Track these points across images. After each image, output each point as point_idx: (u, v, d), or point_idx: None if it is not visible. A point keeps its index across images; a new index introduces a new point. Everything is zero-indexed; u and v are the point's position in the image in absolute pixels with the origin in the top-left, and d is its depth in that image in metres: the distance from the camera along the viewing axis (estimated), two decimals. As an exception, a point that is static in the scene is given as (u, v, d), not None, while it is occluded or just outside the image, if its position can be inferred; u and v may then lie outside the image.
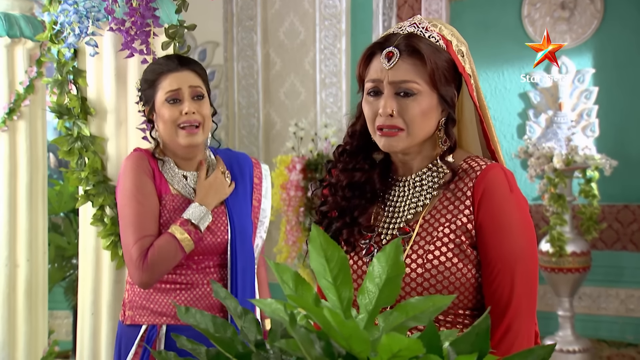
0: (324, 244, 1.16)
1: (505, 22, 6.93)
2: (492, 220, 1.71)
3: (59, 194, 5.56)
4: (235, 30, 6.84)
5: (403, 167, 1.87)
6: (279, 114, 6.71)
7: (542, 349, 1.04)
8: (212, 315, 1.17)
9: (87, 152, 3.00)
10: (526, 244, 1.74)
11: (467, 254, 1.72)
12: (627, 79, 6.73)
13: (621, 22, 6.75)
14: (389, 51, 1.76)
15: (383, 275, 1.17)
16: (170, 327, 2.54)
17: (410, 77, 1.73)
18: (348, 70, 6.39)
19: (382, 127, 1.76)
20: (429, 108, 1.75)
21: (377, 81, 1.77)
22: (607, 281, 6.70)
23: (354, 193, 1.87)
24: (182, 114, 2.52)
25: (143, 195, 2.51)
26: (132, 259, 2.44)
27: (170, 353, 1.15)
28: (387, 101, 1.74)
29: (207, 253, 2.57)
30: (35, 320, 3.95)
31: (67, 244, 5.56)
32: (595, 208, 5.91)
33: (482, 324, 1.04)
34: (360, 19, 6.40)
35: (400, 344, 0.94)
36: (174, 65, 2.55)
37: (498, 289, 1.70)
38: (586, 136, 6.80)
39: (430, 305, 1.10)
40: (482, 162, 1.78)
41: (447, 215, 1.75)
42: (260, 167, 2.79)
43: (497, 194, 1.72)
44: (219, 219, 2.60)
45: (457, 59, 1.78)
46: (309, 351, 1.02)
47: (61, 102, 3.02)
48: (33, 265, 3.84)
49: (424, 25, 1.80)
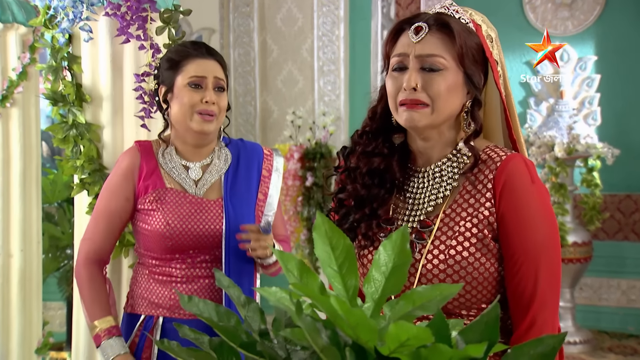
0: (329, 232, 1.15)
1: (506, 9, 6.88)
2: (514, 212, 1.68)
3: (53, 183, 5.52)
4: (231, 17, 6.79)
5: (422, 156, 1.83)
6: (276, 102, 6.66)
7: (553, 338, 1.02)
8: (215, 304, 1.16)
9: (82, 139, 2.96)
10: (549, 234, 1.70)
11: (489, 248, 1.69)
12: (629, 66, 6.70)
13: (624, 9, 6.71)
14: (418, 25, 1.73)
15: (389, 263, 1.16)
16: (167, 319, 2.53)
17: (438, 51, 1.71)
18: (347, 57, 6.35)
19: (405, 102, 1.72)
20: (454, 85, 1.72)
21: (403, 55, 1.74)
22: (608, 272, 6.69)
23: (373, 181, 1.84)
24: (202, 101, 2.51)
25: (110, 195, 2.57)
26: (78, 252, 2.60)
27: (173, 342, 1.13)
28: (412, 74, 1.71)
29: (202, 247, 2.54)
30: (30, 311, 3.91)
31: (62, 233, 5.52)
32: (597, 197, 5.90)
33: (491, 313, 1.03)
34: (359, 5, 6.36)
35: (408, 332, 0.92)
36: (201, 52, 2.55)
37: (521, 281, 1.68)
38: (588, 125, 6.77)
39: (437, 294, 1.08)
40: (501, 152, 1.74)
41: (469, 209, 1.72)
42: (272, 159, 2.73)
43: (518, 185, 1.69)
44: (214, 211, 2.56)
45: (486, 44, 1.76)
46: (315, 340, 1.00)
47: (55, 88, 2.97)
48: (27, 255, 3.80)
49: (455, 8, 1.79)
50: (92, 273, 2.57)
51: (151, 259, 2.56)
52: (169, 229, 2.49)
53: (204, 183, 2.60)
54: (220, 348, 1.14)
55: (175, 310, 2.51)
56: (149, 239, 2.53)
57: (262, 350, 1.09)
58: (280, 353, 1.10)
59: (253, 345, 1.11)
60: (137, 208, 2.57)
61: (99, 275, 2.59)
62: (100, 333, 2.50)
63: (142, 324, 2.57)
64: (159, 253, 2.54)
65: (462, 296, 1.68)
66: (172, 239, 2.49)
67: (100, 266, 2.60)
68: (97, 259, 2.59)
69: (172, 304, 2.52)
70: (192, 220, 2.52)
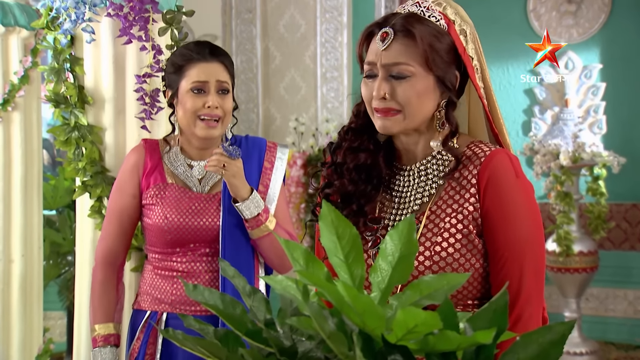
0: (335, 221, 1.14)
1: (510, 17, 6.88)
2: (498, 208, 1.69)
3: (54, 189, 5.51)
4: (234, 23, 6.78)
5: (407, 154, 1.84)
6: (278, 109, 6.64)
7: (562, 325, 1.00)
8: (220, 292, 1.14)
9: (84, 142, 2.96)
10: (533, 230, 1.72)
11: (474, 244, 1.70)
12: (635, 74, 6.68)
13: (629, 16, 6.69)
14: (384, 31, 1.72)
15: (396, 253, 1.15)
16: (170, 315, 2.57)
17: (403, 59, 1.70)
18: (350, 64, 6.34)
19: (378, 110, 1.74)
20: (424, 90, 1.71)
21: (371, 64, 1.75)
22: (615, 282, 6.65)
23: (360, 176, 1.83)
24: (204, 106, 2.52)
25: (118, 194, 2.63)
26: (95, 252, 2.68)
27: (178, 332, 1.10)
28: (380, 84, 1.72)
29: (201, 240, 2.57)
30: (30, 318, 3.89)
31: (63, 239, 5.50)
32: (603, 206, 5.87)
33: (499, 300, 1.02)
34: (362, 12, 6.35)
35: (416, 318, 0.91)
36: (204, 54, 2.55)
37: (506, 277, 1.68)
38: (593, 133, 6.74)
39: (445, 283, 1.07)
40: (485, 147, 1.75)
41: (454, 205, 1.72)
42: (275, 152, 2.72)
43: (502, 180, 1.70)
44: (212, 205, 2.59)
45: (459, 40, 1.75)
46: (322, 327, 0.98)
47: (58, 90, 2.96)
48: (28, 260, 3.79)
49: (426, 4, 1.76)
50: (105, 276, 2.62)
51: (155, 253, 2.61)
52: (167, 223, 2.53)
53: (207, 181, 2.63)
54: (226, 338, 1.12)
55: (177, 306, 2.54)
56: (151, 234, 2.58)
57: (268, 338, 1.07)
58: (286, 343, 1.08)
59: (259, 333, 1.09)
60: (142, 203, 2.61)
61: (112, 279, 2.63)
62: (97, 337, 2.56)
63: (147, 320, 2.60)
64: (161, 247, 2.58)
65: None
66: (170, 232, 2.54)
67: (114, 269, 2.65)
68: (112, 260, 2.64)
69: (173, 299, 2.56)
70: (190, 214, 2.55)
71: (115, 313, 2.62)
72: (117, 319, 2.63)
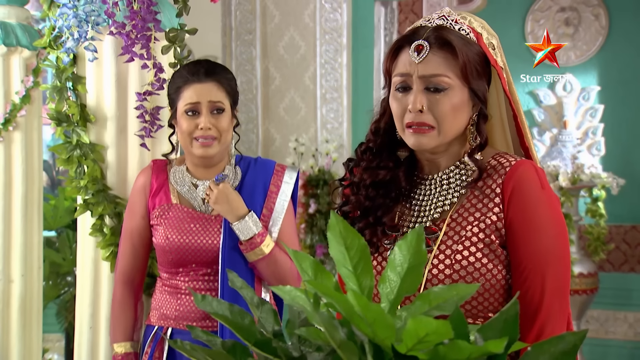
0: (343, 232, 1.14)
1: (508, 39, 6.81)
2: (522, 219, 1.65)
3: (55, 209, 5.50)
4: (234, 45, 6.78)
5: (429, 165, 1.80)
6: (278, 130, 6.64)
7: (573, 335, 1.00)
8: (228, 303, 1.15)
9: (86, 160, 2.95)
10: (558, 243, 1.68)
11: (497, 254, 1.66)
12: (633, 96, 6.71)
13: (627, 38, 6.73)
14: (419, 44, 1.69)
15: (405, 264, 1.14)
16: (175, 330, 2.59)
17: (441, 70, 1.67)
18: (349, 85, 6.34)
19: (412, 125, 1.69)
20: (460, 103, 1.69)
21: (406, 75, 1.70)
22: (615, 304, 6.63)
23: (377, 192, 1.80)
24: (198, 128, 2.54)
25: (129, 215, 2.70)
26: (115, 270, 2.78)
27: (186, 342, 1.10)
28: (417, 96, 1.67)
29: (201, 261, 2.58)
30: (30, 338, 3.86)
31: (62, 260, 5.48)
32: (602, 228, 5.87)
33: (510, 310, 1.02)
34: (362, 33, 6.37)
35: (428, 327, 0.91)
36: (199, 75, 2.56)
37: (529, 290, 1.64)
38: (592, 155, 6.76)
39: (454, 293, 1.08)
40: (511, 158, 1.71)
41: (476, 214, 1.69)
42: (282, 175, 2.71)
43: (527, 191, 1.66)
44: (214, 226, 2.60)
45: (489, 52, 1.72)
46: (333, 336, 0.98)
47: (60, 109, 2.96)
48: (28, 280, 3.75)
49: (453, 17, 1.74)
50: (123, 295, 2.69)
51: (162, 272, 2.66)
52: (168, 243, 2.57)
53: None
54: (234, 349, 1.12)
55: (180, 322, 2.56)
56: (158, 253, 2.64)
57: (277, 348, 1.07)
58: (294, 354, 1.08)
59: (268, 343, 1.09)
60: (150, 224, 2.65)
61: (129, 298, 2.70)
62: (116, 357, 2.64)
63: (154, 335, 2.62)
64: (166, 267, 2.62)
65: (468, 303, 1.65)
66: (172, 253, 2.57)
67: (132, 288, 2.72)
68: (128, 280, 2.70)
69: (177, 315, 2.58)
70: (191, 234, 2.57)
71: (134, 332, 2.69)
72: (136, 338, 2.69)
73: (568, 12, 6.97)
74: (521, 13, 7.09)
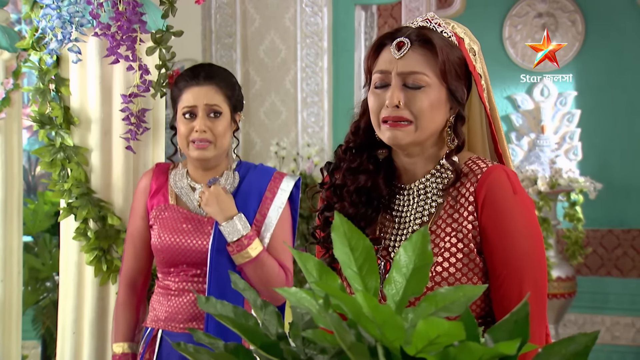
0: (348, 233, 1.12)
1: (486, 44, 6.83)
2: (495, 224, 1.67)
3: (34, 213, 5.44)
4: (214, 48, 6.76)
5: (406, 173, 1.81)
6: (258, 134, 6.61)
7: (585, 336, 1.00)
8: (232, 305, 1.14)
9: (70, 163, 2.92)
10: (533, 247, 1.69)
11: (476, 262, 1.68)
12: (609, 101, 6.77)
13: (603, 44, 6.79)
14: (400, 41, 1.71)
15: (410, 265, 1.13)
16: (165, 332, 2.59)
17: (420, 68, 1.69)
18: (330, 89, 6.33)
19: (388, 119, 1.70)
20: (437, 102, 1.70)
21: (385, 72, 1.72)
22: (592, 308, 6.68)
23: (360, 199, 1.80)
24: (194, 131, 2.56)
25: (131, 217, 2.73)
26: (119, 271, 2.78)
27: (190, 345, 1.09)
28: (394, 92, 1.69)
29: (191, 262, 2.59)
30: (9, 345, 3.80)
31: (42, 265, 5.42)
32: (580, 232, 5.92)
33: (521, 311, 1.02)
34: (342, 37, 6.37)
35: (439, 328, 0.90)
36: (198, 78, 2.59)
37: (506, 295, 1.66)
38: (569, 159, 6.81)
39: (461, 295, 1.06)
40: (482, 164, 1.72)
41: (453, 224, 1.70)
42: (279, 182, 2.70)
43: (499, 196, 1.67)
44: (205, 228, 2.60)
45: (469, 57, 1.75)
46: (343, 337, 0.96)
47: (43, 111, 2.92)
48: (7, 286, 3.70)
49: (437, 21, 1.77)
50: (126, 297, 2.70)
51: (158, 272, 2.68)
52: (160, 242, 2.59)
53: None
54: (237, 352, 1.10)
55: (169, 323, 2.58)
56: (154, 254, 2.66)
57: (283, 350, 1.06)
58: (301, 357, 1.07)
59: (274, 346, 1.08)
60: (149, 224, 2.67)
61: (132, 299, 2.71)
62: (114, 356, 2.67)
63: (147, 335, 2.64)
64: (160, 267, 2.64)
65: None
66: (163, 252, 2.59)
67: (135, 290, 2.72)
68: (131, 282, 2.71)
69: (166, 316, 2.59)
70: (182, 235, 2.59)
71: (134, 333, 2.70)
72: (136, 339, 2.70)
73: (545, 18, 7.02)
74: (499, 18, 7.13)
